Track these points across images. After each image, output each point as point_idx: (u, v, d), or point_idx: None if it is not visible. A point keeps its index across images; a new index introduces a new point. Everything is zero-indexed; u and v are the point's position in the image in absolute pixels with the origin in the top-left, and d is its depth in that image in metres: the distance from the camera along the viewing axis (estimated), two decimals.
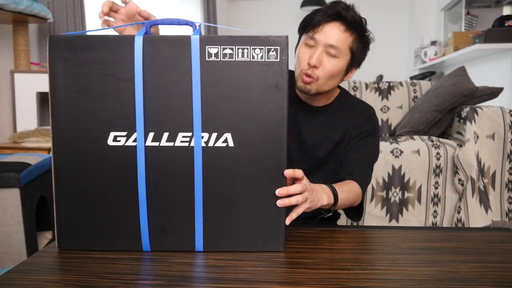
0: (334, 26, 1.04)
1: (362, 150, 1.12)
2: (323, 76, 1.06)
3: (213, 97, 0.74)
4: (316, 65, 1.04)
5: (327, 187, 0.91)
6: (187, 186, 0.75)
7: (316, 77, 1.06)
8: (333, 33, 1.04)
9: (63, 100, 0.74)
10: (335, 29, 1.04)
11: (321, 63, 1.05)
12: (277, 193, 0.76)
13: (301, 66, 1.08)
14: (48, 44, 0.73)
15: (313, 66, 1.05)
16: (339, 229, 0.95)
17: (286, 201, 0.76)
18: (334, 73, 1.07)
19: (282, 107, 0.75)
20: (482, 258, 0.75)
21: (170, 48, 0.73)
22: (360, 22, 1.07)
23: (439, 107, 2.13)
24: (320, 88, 1.08)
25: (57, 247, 0.76)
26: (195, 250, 0.77)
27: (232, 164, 0.75)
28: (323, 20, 1.04)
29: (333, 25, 1.04)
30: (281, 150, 0.76)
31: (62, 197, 0.75)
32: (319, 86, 1.08)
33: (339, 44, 1.04)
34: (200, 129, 0.74)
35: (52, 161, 0.76)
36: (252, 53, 0.74)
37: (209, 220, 0.76)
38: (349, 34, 1.05)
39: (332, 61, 1.06)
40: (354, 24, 1.05)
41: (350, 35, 1.05)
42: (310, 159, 1.15)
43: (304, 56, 1.07)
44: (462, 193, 1.96)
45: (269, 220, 0.77)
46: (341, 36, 1.04)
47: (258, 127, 0.75)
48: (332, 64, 1.06)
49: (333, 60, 1.06)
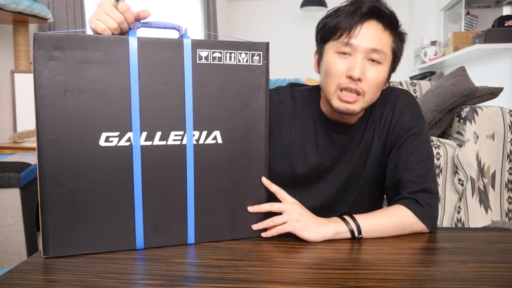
0: (371, 26, 0.87)
1: (414, 157, 0.92)
2: (369, 89, 0.88)
3: (203, 97, 0.78)
4: (361, 77, 0.86)
5: (340, 219, 0.84)
6: (180, 182, 0.78)
7: (362, 92, 0.88)
8: (374, 34, 0.87)
9: (50, 101, 0.70)
10: (374, 29, 0.87)
11: (364, 74, 0.87)
12: (249, 209, 0.83)
13: (337, 81, 0.88)
14: (34, 42, 0.69)
15: (356, 79, 0.86)
16: None
17: (260, 225, 0.83)
18: (380, 83, 0.90)
19: (264, 106, 0.82)
20: (482, 258, 0.75)
21: (162, 50, 0.74)
22: (395, 15, 0.90)
23: (439, 107, 2.13)
24: (365, 104, 0.90)
25: (43, 255, 0.73)
26: (187, 243, 0.80)
27: (220, 159, 0.80)
28: (358, 20, 0.86)
29: (370, 25, 0.87)
30: (264, 145, 0.83)
31: (49, 202, 0.72)
32: (365, 103, 0.90)
33: (382, 46, 0.87)
34: (192, 127, 0.77)
35: (37, 166, 0.72)
36: (239, 57, 0.79)
37: (200, 213, 0.80)
38: (389, 33, 0.89)
39: (377, 69, 0.88)
40: (391, 20, 0.89)
41: (390, 33, 0.89)
42: (341, 177, 1.01)
43: (340, 68, 0.88)
44: (462, 193, 1.96)
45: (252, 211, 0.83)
46: (382, 36, 0.87)
47: (244, 124, 0.81)
48: (377, 72, 0.88)
49: (378, 67, 0.88)
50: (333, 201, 1.02)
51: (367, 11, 0.86)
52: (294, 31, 5.81)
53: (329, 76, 0.90)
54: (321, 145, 1.00)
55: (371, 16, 0.87)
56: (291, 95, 1.03)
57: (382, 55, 0.87)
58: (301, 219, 0.82)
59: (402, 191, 0.91)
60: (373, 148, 0.98)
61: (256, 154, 0.83)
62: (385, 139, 0.97)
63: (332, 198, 1.02)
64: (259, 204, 0.84)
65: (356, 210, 0.88)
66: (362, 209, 0.91)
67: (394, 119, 0.96)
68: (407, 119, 0.95)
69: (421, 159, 0.92)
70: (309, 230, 0.81)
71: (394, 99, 0.97)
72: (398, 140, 0.95)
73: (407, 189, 0.90)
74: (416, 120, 0.96)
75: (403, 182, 0.91)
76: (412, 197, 0.89)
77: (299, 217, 0.82)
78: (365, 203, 1.03)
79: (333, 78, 0.89)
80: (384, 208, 0.90)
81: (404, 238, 0.86)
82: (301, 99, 1.03)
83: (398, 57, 0.93)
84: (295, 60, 5.69)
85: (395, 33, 0.90)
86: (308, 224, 0.81)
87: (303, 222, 0.81)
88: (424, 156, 0.93)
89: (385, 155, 0.98)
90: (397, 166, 0.94)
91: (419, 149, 0.93)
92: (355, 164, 1.00)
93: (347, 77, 0.87)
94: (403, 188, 0.91)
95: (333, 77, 0.89)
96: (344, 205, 1.02)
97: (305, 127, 1.01)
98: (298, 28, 5.82)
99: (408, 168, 0.92)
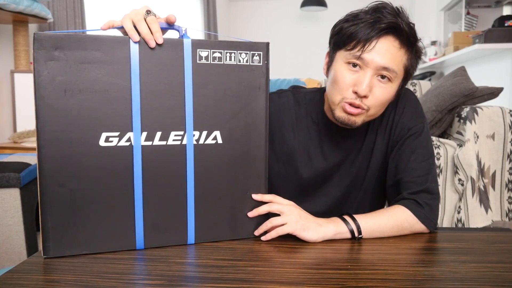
0: (387, 42, 0.83)
1: (414, 157, 0.92)
2: (373, 106, 0.87)
3: (203, 97, 0.78)
4: (367, 94, 0.84)
5: (340, 219, 0.83)
6: (180, 182, 0.78)
7: (367, 108, 0.86)
8: (387, 51, 0.83)
9: (50, 101, 0.70)
10: (389, 45, 0.83)
11: (371, 90, 0.85)
12: (249, 215, 0.82)
13: (343, 93, 0.87)
14: (34, 42, 0.69)
15: (362, 97, 0.85)
16: None
17: (261, 230, 0.83)
18: (387, 100, 0.88)
19: (264, 106, 0.82)
20: (482, 258, 0.75)
21: (162, 50, 0.74)
22: (415, 32, 0.86)
23: (439, 107, 2.13)
24: (368, 118, 0.90)
25: (43, 255, 0.72)
26: (187, 243, 0.80)
27: (220, 159, 0.80)
28: (375, 35, 0.83)
29: (386, 41, 0.83)
30: (264, 145, 0.83)
31: (49, 202, 0.72)
32: (367, 118, 0.89)
33: (394, 65, 0.84)
34: (192, 127, 0.77)
35: (37, 166, 0.72)
36: (239, 57, 0.79)
37: (200, 213, 0.80)
38: (404, 50, 0.85)
39: (385, 87, 0.86)
40: (410, 38, 0.85)
41: (406, 51, 0.86)
42: (347, 179, 1.01)
43: (347, 80, 0.86)
44: (462, 193, 1.96)
45: (252, 209, 0.83)
46: (397, 55, 0.84)
47: (244, 124, 0.81)
48: (386, 90, 0.86)
49: (387, 85, 0.86)
50: (338, 204, 1.02)
51: (386, 26, 0.83)
52: (294, 31, 5.82)
53: (336, 86, 0.88)
54: (326, 149, 1.00)
55: (389, 32, 0.83)
56: (293, 98, 1.02)
57: (393, 73, 0.85)
58: (301, 219, 0.81)
59: (403, 191, 0.91)
60: (376, 148, 0.98)
61: (256, 154, 0.83)
62: (388, 138, 0.97)
63: (337, 201, 1.02)
64: (258, 207, 0.83)
65: (359, 211, 0.88)
66: (364, 210, 0.91)
67: (396, 118, 0.96)
68: (408, 118, 0.95)
69: (422, 158, 0.92)
70: (309, 230, 0.81)
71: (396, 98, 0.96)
72: (400, 139, 0.95)
73: (408, 189, 0.90)
74: (418, 119, 0.95)
75: (404, 182, 0.91)
76: (412, 197, 0.89)
77: (299, 218, 0.82)
78: (368, 204, 1.03)
79: (339, 89, 0.87)
80: (385, 208, 0.90)
81: (404, 238, 0.86)
82: (305, 102, 1.02)
83: (410, 74, 0.90)
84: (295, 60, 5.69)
85: (411, 51, 0.87)
86: (308, 225, 0.81)
87: (303, 223, 0.81)
88: (425, 156, 0.92)
89: (387, 154, 0.97)
90: (398, 165, 0.93)
91: (420, 149, 0.93)
92: (360, 166, 0.99)
93: (353, 92, 0.85)
94: (404, 188, 0.91)
95: (339, 88, 0.87)
96: (349, 208, 1.01)
97: (309, 131, 1.00)
98: (298, 28, 5.82)
99: (409, 168, 0.91)
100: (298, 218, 0.81)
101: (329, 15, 5.55)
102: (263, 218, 0.84)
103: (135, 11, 0.75)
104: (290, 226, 0.81)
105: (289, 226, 0.81)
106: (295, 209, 0.83)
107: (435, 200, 0.89)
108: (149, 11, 0.75)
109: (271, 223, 0.82)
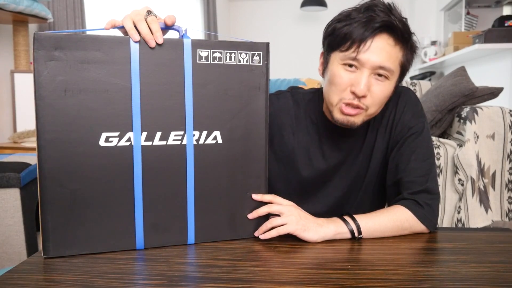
0: (382, 40, 0.84)
1: (415, 157, 0.91)
2: (372, 105, 0.87)
3: (203, 97, 0.78)
4: (365, 94, 0.85)
5: (340, 219, 0.84)
6: (180, 182, 0.78)
7: (366, 107, 0.87)
8: (383, 50, 0.83)
9: (50, 101, 0.70)
10: (384, 44, 0.84)
11: (369, 89, 0.85)
12: (249, 216, 0.82)
13: (340, 94, 0.87)
14: (34, 42, 0.69)
15: (360, 97, 0.85)
16: None
17: (261, 230, 0.83)
18: (385, 98, 0.88)
19: (264, 106, 0.82)
20: (482, 258, 0.75)
21: (162, 50, 0.74)
22: (408, 27, 0.87)
23: (439, 107, 2.13)
24: (367, 118, 0.90)
25: (43, 255, 0.73)
26: (187, 243, 0.80)
27: (220, 159, 0.80)
28: (369, 34, 0.83)
29: (381, 39, 0.84)
30: (264, 145, 0.83)
31: (49, 202, 0.72)
32: (366, 117, 0.89)
33: (390, 63, 0.84)
34: (192, 127, 0.77)
35: (37, 166, 0.72)
36: (239, 57, 0.79)
37: (200, 213, 0.80)
38: (399, 47, 0.86)
39: (383, 85, 0.86)
40: (404, 34, 0.85)
41: (401, 48, 0.86)
42: (346, 180, 1.01)
43: (344, 81, 0.86)
44: (462, 193, 1.96)
45: (252, 209, 0.83)
46: (392, 52, 0.84)
47: (244, 124, 0.81)
48: (383, 88, 0.86)
49: (384, 83, 0.86)
50: (338, 204, 1.02)
51: (380, 25, 0.83)
52: (294, 31, 5.81)
53: (333, 87, 0.88)
54: (326, 150, 1.00)
55: (383, 30, 0.83)
56: (292, 99, 1.02)
57: (390, 71, 0.85)
58: (301, 220, 0.81)
59: (403, 191, 0.91)
60: (376, 147, 0.98)
61: (256, 154, 0.83)
62: (388, 137, 0.96)
63: (337, 201, 1.02)
64: (258, 209, 0.83)
65: (360, 211, 0.88)
66: (365, 210, 0.90)
67: (396, 117, 0.95)
68: (409, 117, 0.95)
69: (422, 158, 0.92)
70: (310, 230, 0.81)
71: (396, 97, 0.96)
72: (400, 138, 0.94)
73: (408, 189, 0.90)
74: (418, 118, 0.95)
75: (404, 182, 0.91)
76: (412, 197, 0.89)
77: (299, 218, 0.82)
78: (368, 204, 1.03)
79: (336, 90, 0.87)
80: (385, 208, 0.90)
81: (404, 238, 0.86)
82: (304, 103, 1.02)
83: (407, 70, 0.90)
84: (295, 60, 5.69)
85: (406, 47, 0.87)
86: (308, 225, 0.81)
87: (303, 223, 0.81)
88: (425, 156, 0.92)
89: (387, 154, 0.97)
90: (398, 165, 0.93)
91: (420, 148, 0.92)
92: (360, 166, 0.99)
93: (351, 92, 0.85)
94: (404, 188, 0.91)
95: (336, 89, 0.87)
96: (349, 208, 1.01)
97: (308, 132, 1.00)
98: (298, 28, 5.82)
99: (409, 167, 0.91)
100: (298, 219, 0.81)
101: (329, 15, 5.50)
102: (263, 218, 0.84)
103: (135, 11, 0.75)
104: (291, 226, 0.81)
105: (289, 226, 0.81)
106: (295, 210, 0.83)
107: (435, 200, 0.90)
108: (149, 12, 0.75)
109: (271, 224, 0.82)
